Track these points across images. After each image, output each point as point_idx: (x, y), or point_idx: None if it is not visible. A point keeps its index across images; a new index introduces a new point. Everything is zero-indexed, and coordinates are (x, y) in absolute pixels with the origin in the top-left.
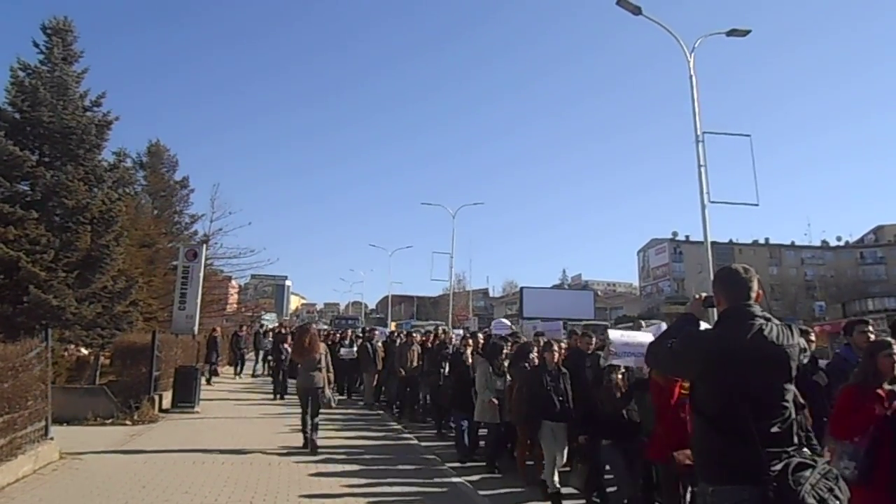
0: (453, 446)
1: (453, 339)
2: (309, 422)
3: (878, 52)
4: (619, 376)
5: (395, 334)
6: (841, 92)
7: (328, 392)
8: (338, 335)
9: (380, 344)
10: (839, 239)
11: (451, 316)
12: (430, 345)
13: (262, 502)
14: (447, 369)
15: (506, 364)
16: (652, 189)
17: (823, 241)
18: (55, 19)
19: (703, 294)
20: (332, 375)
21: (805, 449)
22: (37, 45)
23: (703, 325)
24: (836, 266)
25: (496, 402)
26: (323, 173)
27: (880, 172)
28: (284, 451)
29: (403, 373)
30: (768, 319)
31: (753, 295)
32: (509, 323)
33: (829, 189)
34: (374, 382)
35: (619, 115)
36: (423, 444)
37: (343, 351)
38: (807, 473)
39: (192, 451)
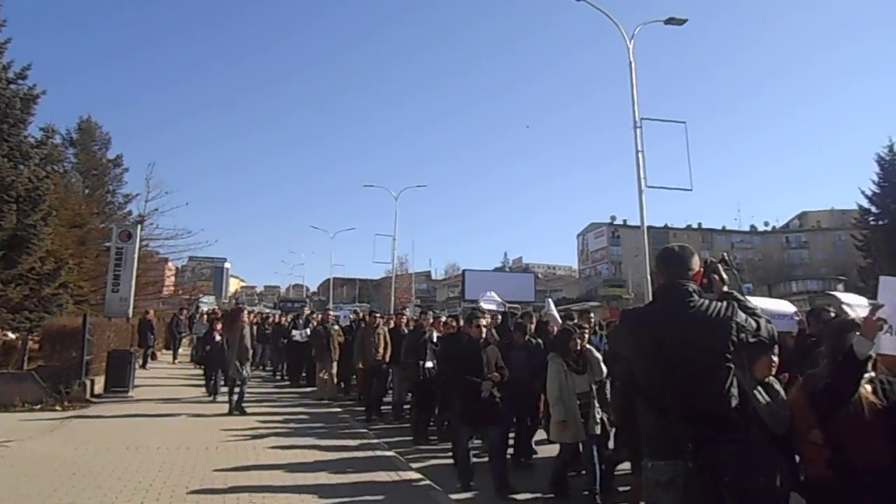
0: (436, 456)
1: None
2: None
3: (810, 45)
4: None
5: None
6: (771, 86)
7: (236, 365)
8: (289, 318)
9: (336, 328)
10: (766, 224)
11: (393, 298)
12: (405, 329)
13: (198, 487)
14: (429, 362)
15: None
16: (592, 174)
17: (752, 227)
18: None
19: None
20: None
21: (750, 427)
22: None
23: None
24: (763, 250)
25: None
26: (264, 155)
27: (805, 161)
28: (223, 436)
29: (362, 365)
30: (702, 296)
31: (691, 273)
32: (499, 298)
33: (758, 176)
34: (329, 373)
35: (559, 100)
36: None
37: (295, 333)
38: (735, 448)
39: (125, 436)
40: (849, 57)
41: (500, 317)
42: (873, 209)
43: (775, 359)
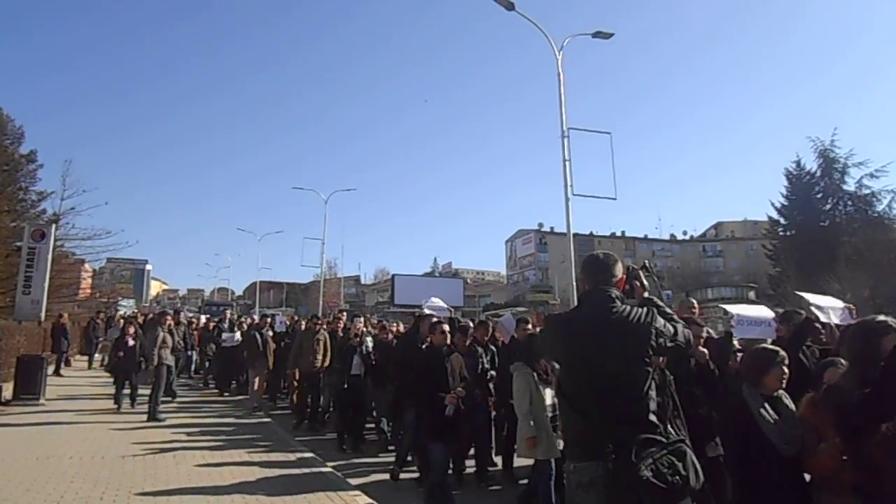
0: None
1: (359, 327)
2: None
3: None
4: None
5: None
6: (690, 96)
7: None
8: (215, 321)
9: (270, 333)
10: (685, 233)
11: (321, 303)
12: (340, 333)
13: (113, 499)
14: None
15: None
16: (521, 180)
17: (671, 235)
18: None
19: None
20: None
21: (669, 428)
22: None
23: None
24: (681, 258)
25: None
26: (188, 153)
27: (720, 173)
28: (139, 446)
29: (297, 373)
30: (624, 302)
31: (615, 280)
32: (444, 304)
33: (677, 187)
34: (262, 381)
35: (490, 107)
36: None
37: (224, 336)
38: (652, 449)
39: (35, 445)
40: (771, 72)
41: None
42: (782, 220)
43: (786, 371)
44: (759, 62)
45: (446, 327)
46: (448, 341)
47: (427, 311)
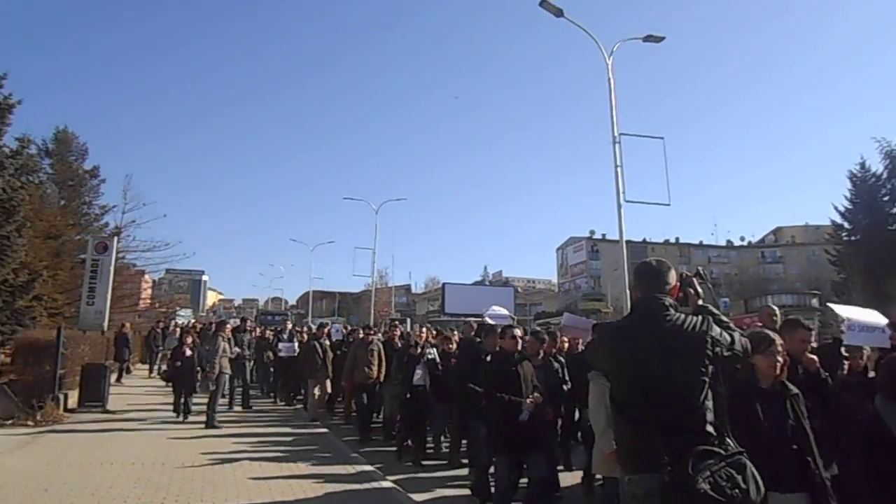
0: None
1: (422, 335)
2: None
3: (777, 60)
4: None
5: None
6: (746, 99)
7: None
8: (273, 330)
9: (328, 343)
10: (742, 239)
11: (373, 312)
12: (398, 343)
13: None
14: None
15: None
16: (572, 188)
17: (728, 241)
18: None
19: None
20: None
21: (727, 439)
22: None
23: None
24: (739, 265)
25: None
26: (244, 168)
27: (780, 177)
28: (198, 454)
29: (353, 381)
30: (678, 310)
31: (668, 287)
32: (506, 311)
33: (735, 192)
34: (322, 391)
35: (538, 114)
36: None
37: (282, 346)
38: (710, 461)
39: (99, 451)
40: (819, 69)
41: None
42: (846, 225)
43: None
44: (825, 68)
45: (518, 332)
46: (518, 347)
47: (489, 321)
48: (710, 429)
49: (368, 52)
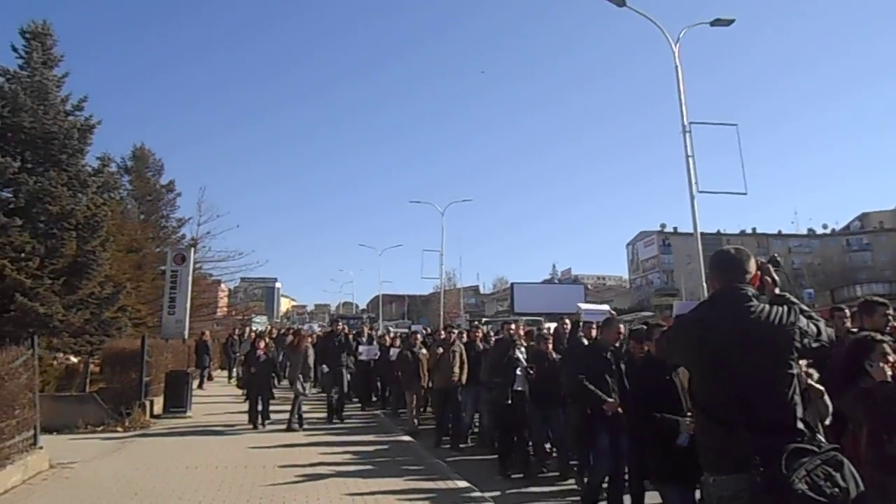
0: None
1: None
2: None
3: (858, 32)
4: None
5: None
6: (823, 77)
7: (299, 383)
8: (352, 333)
9: (423, 351)
10: (825, 227)
11: (441, 314)
12: (480, 345)
13: None
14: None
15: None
16: (639, 181)
17: (810, 230)
18: (34, 23)
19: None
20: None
21: (818, 435)
22: (15, 50)
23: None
24: (822, 254)
25: None
26: (310, 174)
27: (865, 159)
28: (280, 455)
29: (428, 386)
30: (761, 300)
31: (748, 276)
32: (604, 307)
33: (815, 177)
34: (418, 402)
35: (603, 108)
36: None
37: (362, 349)
38: (804, 459)
39: (184, 456)
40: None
41: (567, 324)
42: None
43: None
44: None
45: (622, 326)
46: (618, 342)
47: (585, 319)
48: (800, 425)
49: (434, 49)
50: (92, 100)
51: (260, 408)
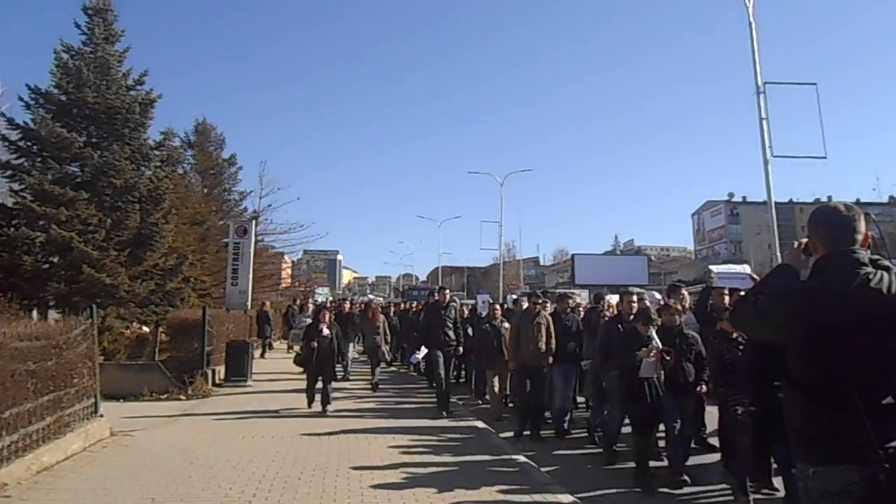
0: None
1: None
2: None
3: None
4: None
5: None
6: None
7: (384, 349)
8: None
9: (506, 325)
10: None
11: (501, 285)
12: (569, 312)
13: (310, 477)
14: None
15: None
16: (705, 149)
17: (891, 197)
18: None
19: (803, 240)
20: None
21: None
22: (78, 26)
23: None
24: None
25: None
26: (370, 146)
27: None
28: (334, 427)
29: (512, 365)
30: (879, 267)
31: (859, 237)
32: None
33: None
34: (501, 384)
35: (668, 74)
36: None
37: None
38: None
39: (241, 425)
40: None
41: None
42: None
43: None
44: None
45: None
46: None
47: (717, 283)
48: None
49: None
50: (154, 76)
51: (320, 386)
